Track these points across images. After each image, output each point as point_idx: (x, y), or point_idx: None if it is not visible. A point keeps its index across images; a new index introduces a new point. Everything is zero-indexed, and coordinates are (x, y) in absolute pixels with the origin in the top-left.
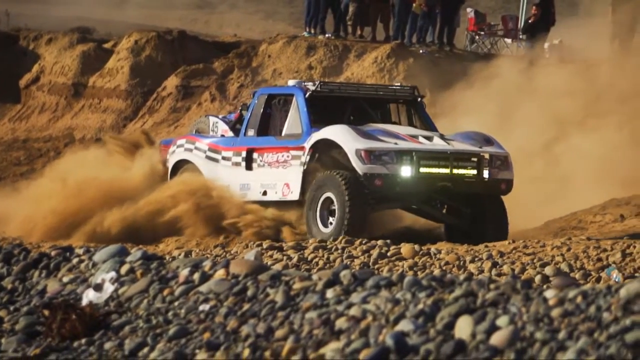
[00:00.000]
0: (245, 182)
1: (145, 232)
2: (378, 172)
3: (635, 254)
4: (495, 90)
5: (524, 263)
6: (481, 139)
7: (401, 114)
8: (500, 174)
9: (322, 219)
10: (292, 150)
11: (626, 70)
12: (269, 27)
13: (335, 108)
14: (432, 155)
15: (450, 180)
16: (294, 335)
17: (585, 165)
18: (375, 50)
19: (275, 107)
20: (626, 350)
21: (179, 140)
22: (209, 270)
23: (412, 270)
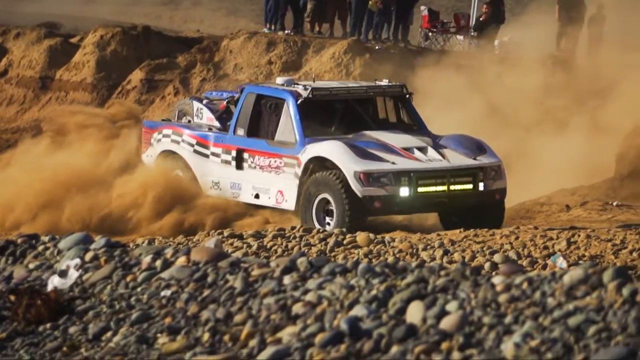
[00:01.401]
0: (235, 182)
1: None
2: (377, 195)
3: (579, 243)
4: (448, 85)
5: (474, 251)
6: (474, 147)
7: (389, 109)
8: (494, 184)
9: (318, 220)
10: (285, 158)
11: (571, 66)
12: (231, 24)
13: (326, 112)
14: (430, 175)
15: (447, 197)
16: (252, 320)
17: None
18: (333, 46)
19: (265, 109)
20: (569, 333)
21: (164, 129)
22: (171, 257)
23: (367, 257)
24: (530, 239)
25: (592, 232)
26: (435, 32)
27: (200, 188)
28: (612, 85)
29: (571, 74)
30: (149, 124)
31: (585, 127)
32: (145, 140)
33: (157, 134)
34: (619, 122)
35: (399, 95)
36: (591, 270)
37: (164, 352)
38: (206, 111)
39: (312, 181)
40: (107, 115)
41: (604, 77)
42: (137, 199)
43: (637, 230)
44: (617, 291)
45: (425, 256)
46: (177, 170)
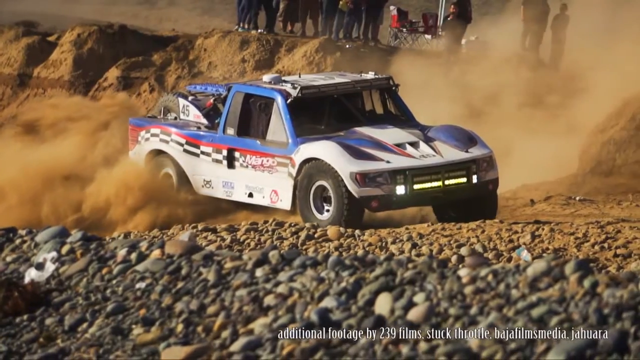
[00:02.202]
0: (228, 180)
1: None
2: (374, 195)
3: (543, 236)
4: (416, 82)
5: (442, 244)
6: (465, 139)
7: (377, 102)
8: (487, 176)
9: (316, 207)
10: (277, 158)
11: (536, 64)
12: (205, 23)
13: (315, 109)
14: (425, 171)
15: (443, 192)
16: (224, 312)
17: (497, 154)
18: (305, 45)
19: (254, 108)
20: (532, 324)
21: (152, 128)
22: (146, 250)
23: (338, 250)
24: (495, 233)
25: (555, 225)
26: (404, 32)
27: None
28: (575, 83)
29: (536, 72)
30: (135, 122)
31: (549, 124)
32: (132, 138)
33: (144, 132)
34: (582, 119)
35: (386, 87)
36: (554, 262)
37: (138, 342)
38: (193, 108)
39: (307, 170)
40: (98, 107)
41: (567, 75)
42: (112, 198)
43: (599, 224)
44: (578, 283)
45: (394, 249)
46: (167, 168)
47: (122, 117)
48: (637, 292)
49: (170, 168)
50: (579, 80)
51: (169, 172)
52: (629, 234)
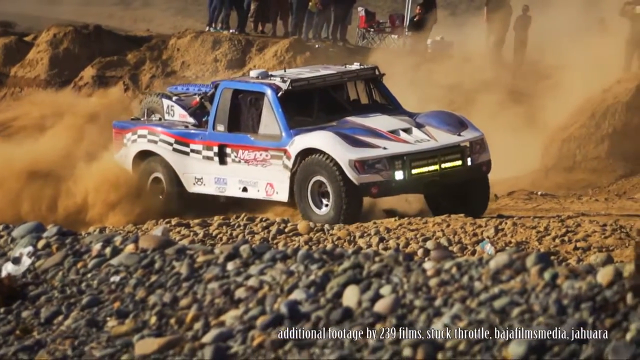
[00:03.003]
0: (220, 177)
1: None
2: (374, 181)
3: (506, 230)
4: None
5: (408, 238)
6: (456, 123)
7: (365, 92)
8: (480, 158)
9: (314, 203)
10: (271, 151)
11: (499, 64)
12: (179, 23)
13: (305, 101)
14: (422, 156)
15: (439, 175)
16: (197, 304)
17: None
18: (275, 45)
19: (244, 104)
20: (494, 315)
21: (139, 129)
22: (120, 245)
23: (308, 244)
24: (460, 227)
25: (518, 220)
26: (372, 32)
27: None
28: (537, 82)
29: (499, 71)
30: (119, 124)
31: (512, 122)
32: (117, 141)
33: (130, 134)
34: (544, 117)
35: (372, 77)
36: (515, 255)
37: (113, 334)
38: (178, 108)
39: (304, 166)
40: (89, 103)
41: (529, 74)
42: (87, 197)
43: (560, 218)
44: (539, 275)
45: (362, 243)
46: (156, 173)
47: (110, 114)
48: (595, 283)
49: (159, 172)
50: (541, 80)
51: (158, 176)
52: (588, 227)
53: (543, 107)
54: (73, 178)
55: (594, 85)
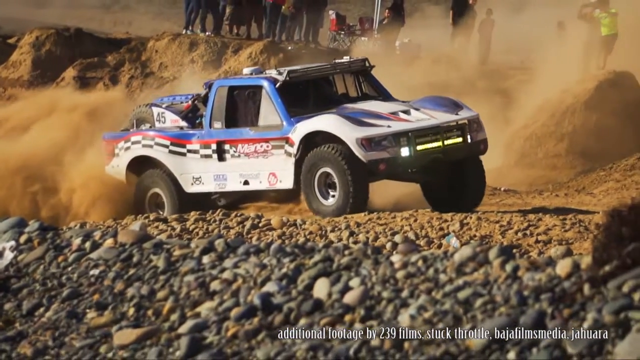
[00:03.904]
0: (219, 173)
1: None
2: (381, 157)
3: (471, 224)
4: None
5: (377, 232)
6: (451, 105)
7: (356, 83)
8: (478, 136)
9: (321, 194)
10: (272, 141)
11: (464, 64)
12: (157, 26)
13: (302, 92)
14: (426, 132)
15: (442, 152)
16: (173, 296)
17: None
18: (250, 47)
19: (241, 99)
20: (458, 306)
21: (132, 136)
22: (99, 239)
23: (281, 239)
24: (427, 221)
25: (482, 214)
26: (342, 34)
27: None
28: (500, 82)
29: (464, 71)
30: (110, 136)
31: None
32: (108, 152)
33: (123, 142)
34: (507, 116)
35: (363, 69)
36: (479, 248)
37: (92, 325)
38: (169, 114)
39: (310, 158)
40: (89, 100)
41: (493, 75)
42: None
43: (522, 213)
44: (501, 267)
45: (333, 237)
46: (155, 189)
47: (108, 112)
48: (555, 275)
49: (158, 188)
50: (504, 80)
51: (157, 192)
52: (549, 221)
53: (506, 106)
54: (63, 174)
55: (555, 85)
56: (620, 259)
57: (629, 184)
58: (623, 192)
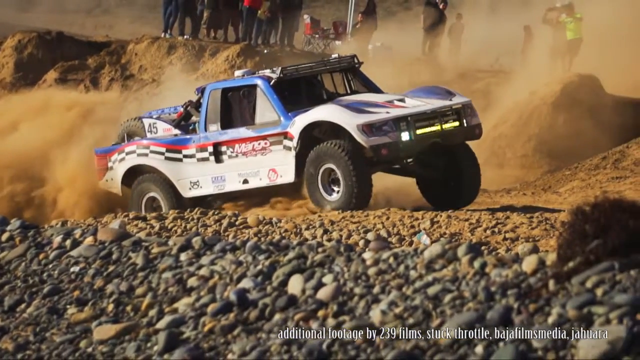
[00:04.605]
0: (217, 175)
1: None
2: (383, 142)
3: (441, 222)
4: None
5: (350, 230)
6: (444, 92)
7: (346, 79)
8: (473, 120)
9: (325, 190)
10: (270, 137)
11: (435, 67)
12: (136, 30)
13: (295, 89)
14: (425, 116)
15: (440, 136)
16: (151, 293)
17: None
18: (227, 50)
19: (235, 100)
20: (428, 301)
21: (126, 147)
22: (79, 237)
23: (257, 236)
24: (399, 219)
25: (452, 212)
26: (317, 38)
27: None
28: (470, 84)
29: (434, 74)
30: (101, 150)
31: None
32: (100, 167)
33: (117, 154)
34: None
35: (352, 65)
36: (448, 246)
37: (72, 321)
38: (160, 124)
39: (313, 154)
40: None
41: (463, 77)
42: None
43: (490, 211)
44: (469, 264)
45: (307, 235)
46: (152, 193)
47: (101, 114)
48: (521, 271)
49: (154, 192)
50: (473, 82)
51: (154, 196)
52: (516, 219)
53: (476, 108)
54: (50, 173)
55: (523, 87)
56: (584, 256)
57: (593, 183)
58: (588, 191)
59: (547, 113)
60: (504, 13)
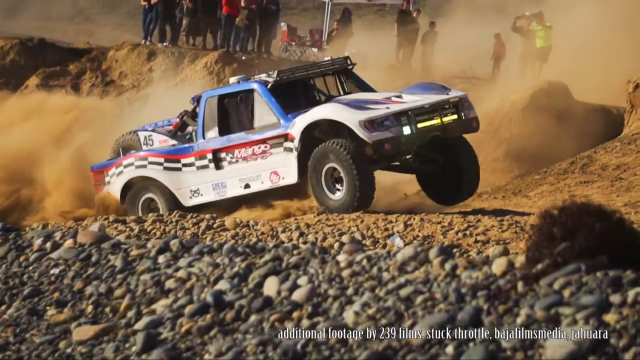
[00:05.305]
0: (218, 182)
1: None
2: (385, 137)
3: (414, 225)
4: None
5: (326, 233)
6: (439, 87)
7: (340, 81)
8: (470, 113)
9: (329, 189)
10: (270, 140)
11: (408, 73)
12: (117, 37)
13: (291, 92)
14: (425, 110)
15: (440, 129)
16: (130, 294)
17: None
18: (206, 57)
19: (232, 106)
20: (400, 302)
21: (124, 160)
22: (59, 240)
23: (234, 239)
24: (373, 222)
25: (425, 215)
26: (294, 45)
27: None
28: None
29: (408, 81)
30: (98, 165)
31: None
32: (97, 182)
33: (114, 168)
34: None
35: (345, 67)
36: (420, 248)
37: (52, 322)
38: (156, 135)
39: (315, 154)
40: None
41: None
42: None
43: (462, 214)
44: (440, 266)
45: (284, 237)
46: (149, 194)
47: (95, 118)
48: (490, 273)
49: (152, 193)
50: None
51: (151, 197)
52: (487, 222)
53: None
54: (40, 176)
55: (494, 93)
56: (552, 258)
57: (562, 186)
58: (556, 195)
59: (517, 119)
60: (476, 21)
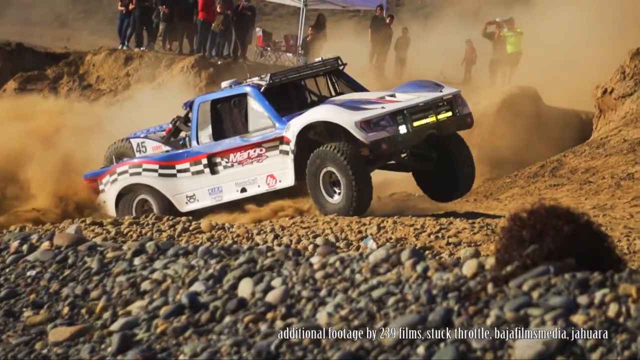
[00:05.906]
0: (214, 187)
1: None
2: (382, 137)
3: (387, 227)
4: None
5: (300, 235)
6: (433, 85)
7: (332, 81)
8: (464, 110)
9: (327, 192)
10: (265, 144)
11: (381, 78)
12: (94, 42)
13: (284, 94)
14: (420, 109)
15: (435, 127)
16: (106, 296)
17: None
18: (182, 61)
19: (226, 111)
20: (372, 304)
21: (118, 168)
22: (36, 242)
23: (210, 241)
24: (347, 225)
25: (398, 218)
26: (269, 50)
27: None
28: None
29: (382, 85)
30: (91, 174)
31: None
32: (94, 189)
33: (108, 176)
34: None
35: (336, 67)
36: (392, 250)
37: (28, 323)
38: (149, 142)
39: (312, 158)
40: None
41: None
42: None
43: (434, 217)
44: (412, 268)
45: (259, 240)
46: (142, 195)
47: (81, 122)
48: (461, 275)
49: (145, 194)
50: None
51: (145, 198)
52: (459, 225)
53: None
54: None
55: (465, 98)
56: (521, 260)
57: (532, 190)
58: (527, 198)
59: (488, 123)
60: (449, 26)
